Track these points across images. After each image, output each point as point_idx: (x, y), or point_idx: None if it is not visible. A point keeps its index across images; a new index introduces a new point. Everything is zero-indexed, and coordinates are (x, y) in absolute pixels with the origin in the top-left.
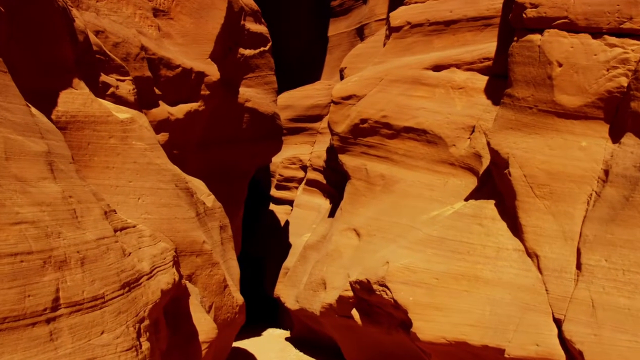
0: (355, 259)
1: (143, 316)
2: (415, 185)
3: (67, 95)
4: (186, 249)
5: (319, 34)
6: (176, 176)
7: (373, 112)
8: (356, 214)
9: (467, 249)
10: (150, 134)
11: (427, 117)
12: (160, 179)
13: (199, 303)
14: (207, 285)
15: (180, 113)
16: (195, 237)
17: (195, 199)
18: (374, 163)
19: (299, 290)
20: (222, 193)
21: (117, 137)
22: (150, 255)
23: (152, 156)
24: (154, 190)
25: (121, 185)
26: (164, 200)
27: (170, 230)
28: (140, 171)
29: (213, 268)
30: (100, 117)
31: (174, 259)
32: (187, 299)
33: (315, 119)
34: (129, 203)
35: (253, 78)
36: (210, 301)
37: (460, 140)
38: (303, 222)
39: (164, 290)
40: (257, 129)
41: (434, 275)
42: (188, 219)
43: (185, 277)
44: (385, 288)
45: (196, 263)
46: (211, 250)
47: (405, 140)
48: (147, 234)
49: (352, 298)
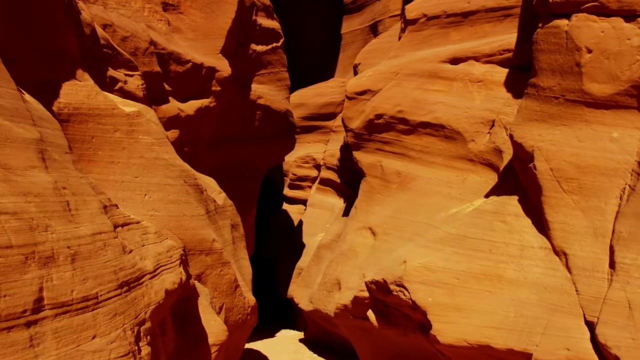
0: (371, 259)
1: (144, 318)
2: (433, 182)
3: (70, 86)
4: (195, 248)
5: (332, 31)
6: (185, 172)
7: (388, 107)
8: (371, 212)
9: (489, 247)
10: (158, 129)
11: (444, 112)
12: (168, 174)
13: (208, 304)
14: (217, 286)
15: (190, 109)
16: (205, 235)
17: (205, 196)
18: (390, 160)
19: (313, 290)
20: (234, 192)
21: (123, 130)
22: (154, 253)
23: (160, 151)
24: (161, 186)
25: (127, 180)
26: (172, 196)
27: (179, 227)
28: (147, 166)
29: (223, 267)
30: (105, 110)
31: (182, 258)
32: (196, 299)
33: (329, 117)
34: (135, 199)
35: (265, 74)
36: (220, 302)
37: (479, 135)
38: (317, 222)
39: (169, 291)
40: (270, 127)
41: (454, 274)
42: (197, 216)
43: (194, 276)
44: (403, 288)
45: (206, 262)
46: (221, 249)
47: (422, 135)
48: (152, 230)
49: (367, 299)
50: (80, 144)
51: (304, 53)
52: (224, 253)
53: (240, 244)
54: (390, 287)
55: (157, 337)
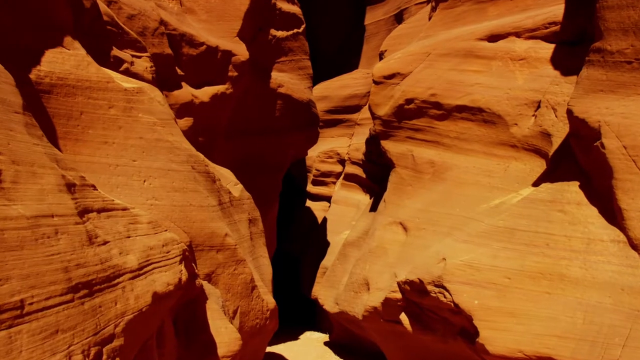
0: (403, 256)
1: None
2: (471, 172)
3: (55, 54)
4: (204, 243)
5: (355, 23)
6: (193, 157)
7: (420, 91)
8: (402, 205)
9: (545, 241)
10: (163, 109)
11: (483, 94)
12: (172, 158)
13: (219, 308)
14: (230, 287)
15: (205, 96)
16: (216, 229)
17: (217, 186)
18: (422, 148)
19: (339, 291)
20: (255, 187)
21: (120, 107)
22: (143, 247)
23: (163, 132)
24: (164, 172)
25: (122, 164)
26: (177, 183)
27: (184, 219)
28: (148, 149)
29: (238, 266)
30: (97, 83)
31: (184, 254)
32: (203, 303)
33: (353, 110)
34: (132, 186)
35: (286, 62)
36: (234, 305)
37: (523, 119)
38: (341, 219)
39: (161, 294)
40: (291, 117)
41: (504, 273)
42: (207, 207)
43: (203, 276)
44: (443, 289)
45: (216, 260)
46: (235, 244)
47: (457, 121)
48: (144, 220)
49: (400, 300)
50: (65, 120)
51: (326, 46)
52: (239, 250)
53: (259, 240)
54: (428, 287)
55: (152, 350)
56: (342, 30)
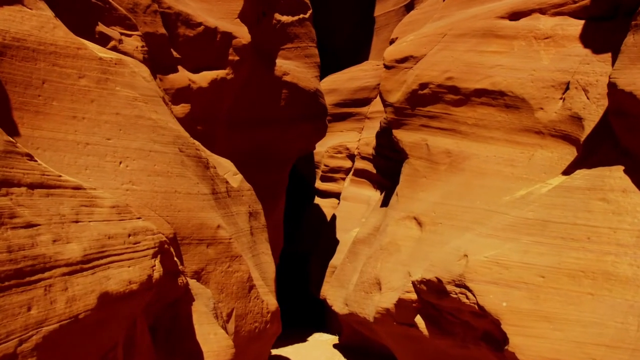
0: (418, 253)
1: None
2: (491, 161)
3: (12, 12)
4: (191, 235)
5: (364, 14)
6: (181, 139)
7: (435, 75)
8: (416, 199)
9: (586, 234)
10: (148, 85)
11: (504, 76)
12: (155, 138)
13: (208, 310)
14: (223, 286)
15: (203, 81)
16: (206, 220)
17: (211, 173)
18: (437, 137)
19: (348, 291)
20: (260, 182)
21: (92, 78)
22: (97, 236)
23: (146, 109)
24: (144, 153)
25: (94, 143)
26: (160, 166)
27: (167, 207)
28: (126, 126)
29: (232, 262)
30: (65, 49)
31: (161, 247)
32: (188, 305)
33: (363, 103)
34: (105, 168)
35: (292, 49)
36: (229, 307)
37: (549, 102)
38: (351, 216)
39: (116, 294)
40: (298, 108)
41: (537, 271)
42: (196, 195)
43: (191, 274)
44: (465, 289)
45: (207, 255)
46: (230, 238)
47: (476, 106)
48: (105, 203)
49: (415, 302)
50: (22, 88)
51: (335, 39)
52: (234, 244)
53: (261, 235)
54: (447, 287)
55: None
56: (351, 22)
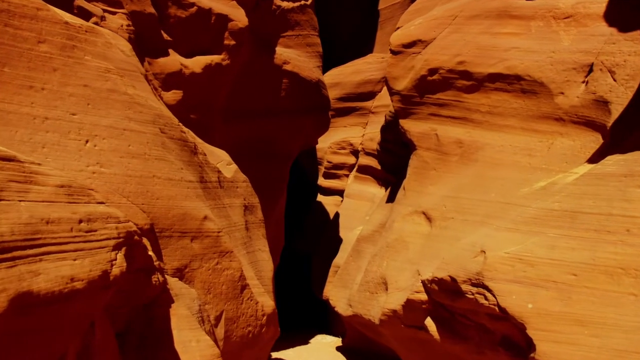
0: (427, 250)
1: None
2: (507, 151)
3: None
4: (172, 227)
5: (368, 8)
6: (164, 118)
7: (446, 59)
8: (425, 193)
9: (624, 225)
10: (128, 59)
11: (521, 59)
12: (131, 115)
13: (191, 314)
14: (211, 285)
15: (197, 66)
16: (190, 210)
17: (200, 160)
18: (447, 126)
19: (352, 291)
20: (259, 177)
21: (56, 44)
22: (30, 219)
23: (121, 83)
24: (117, 132)
25: (55, 117)
26: (136, 148)
27: (143, 194)
28: (96, 101)
29: (222, 259)
30: (20, 7)
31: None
32: (166, 307)
33: (367, 97)
34: (68, 146)
35: (292, 37)
36: (217, 309)
37: (570, 86)
38: (355, 214)
39: (45, 295)
40: (299, 99)
41: (568, 268)
42: (179, 181)
43: (171, 271)
44: (484, 289)
45: (191, 250)
46: (219, 231)
47: (490, 92)
48: (51, 182)
49: (425, 303)
50: None
51: (338, 33)
52: (224, 238)
53: (257, 231)
54: (462, 287)
55: None
56: (354, 16)
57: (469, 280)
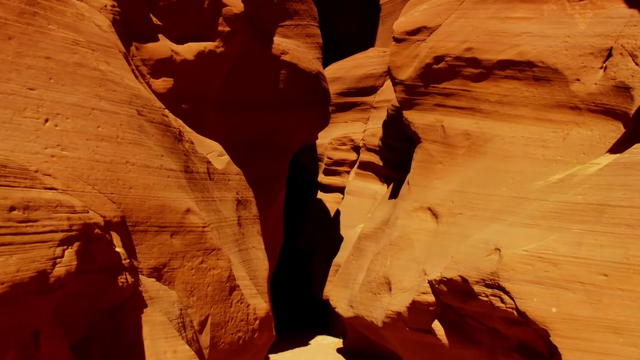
0: (434, 249)
1: None
2: (518, 143)
3: None
4: (148, 221)
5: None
6: (142, 99)
7: (452, 46)
8: (431, 187)
9: None
10: (104, 35)
11: (533, 45)
12: (102, 94)
13: (169, 320)
14: (194, 287)
15: (189, 53)
16: (170, 202)
17: (185, 148)
18: (454, 117)
19: (353, 291)
20: (257, 172)
21: (12, 9)
22: None
23: (92, 57)
24: (84, 111)
25: (7, 92)
26: (106, 130)
27: (113, 182)
28: (59, 75)
29: (207, 257)
30: None
31: (83, 232)
32: (137, 313)
33: (369, 92)
34: (22, 125)
35: (291, 27)
36: (202, 313)
37: (587, 72)
38: (356, 212)
39: None
40: (298, 91)
41: (597, 268)
42: (157, 169)
43: (147, 271)
44: (499, 290)
45: (171, 247)
46: (204, 226)
47: (499, 80)
48: None
49: (432, 304)
50: None
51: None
52: (209, 235)
53: (251, 227)
54: (475, 288)
55: None
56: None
57: (482, 280)
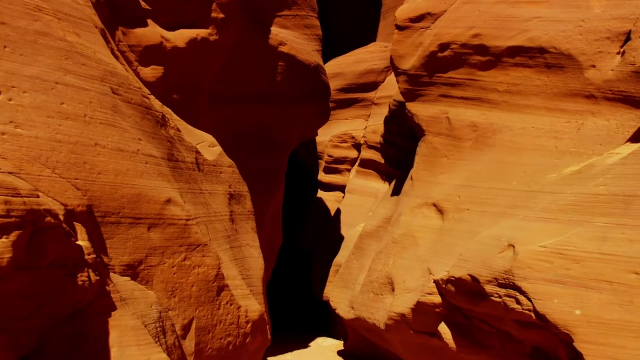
0: (440, 246)
1: None
2: (529, 134)
3: None
4: (120, 211)
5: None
6: (118, 77)
7: (458, 32)
8: (435, 182)
9: None
10: (77, 7)
11: (545, 30)
12: (68, 67)
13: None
14: (176, 287)
15: (180, 40)
16: (148, 190)
17: (169, 134)
18: (460, 108)
19: (354, 292)
20: (254, 168)
21: None
22: None
23: (57, 26)
24: (46, 85)
25: None
26: (72, 107)
27: (78, 166)
28: (16, 44)
29: (192, 254)
30: None
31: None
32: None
33: (370, 88)
34: None
35: (289, 17)
36: (185, 316)
37: (603, 58)
38: (357, 211)
39: None
40: (297, 84)
41: (627, 265)
42: (133, 154)
43: (120, 268)
44: (514, 291)
45: (148, 241)
46: (188, 219)
47: (508, 68)
48: None
49: (439, 306)
50: None
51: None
52: (194, 229)
53: (245, 224)
54: (486, 288)
55: None
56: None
57: (494, 279)
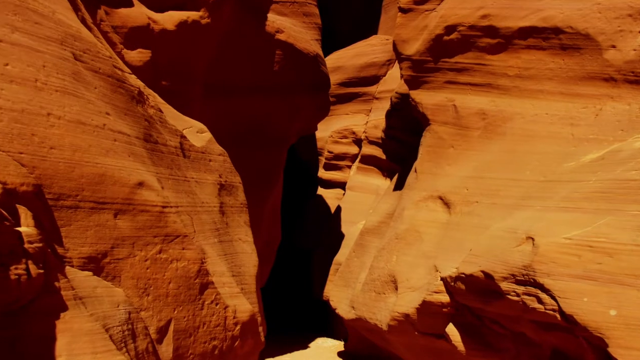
0: (447, 242)
1: None
2: (542, 121)
3: None
4: (79, 193)
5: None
6: (82, 42)
7: (466, 14)
8: (442, 174)
9: None
10: None
11: (560, 8)
12: (16, 23)
13: (104, 329)
14: (149, 283)
15: (169, 22)
16: (114, 171)
17: (148, 113)
18: (468, 95)
19: (355, 291)
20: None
21: None
22: None
23: None
24: None
25: None
26: (18, 69)
27: (24, 138)
28: None
29: (168, 245)
30: None
31: None
32: (49, 318)
33: (371, 82)
34: None
35: (287, 4)
36: (161, 318)
37: (625, 37)
38: (358, 208)
39: None
40: (295, 74)
41: None
42: (98, 128)
43: (80, 261)
44: (535, 288)
45: (114, 230)
46: (163, 206)
47: (520, 51)
48: None
49: (447, 305)
50: None
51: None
52: (172, 217)
53: (238, 217)
54: (502, 286)
55: None
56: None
57: (511, 276)
